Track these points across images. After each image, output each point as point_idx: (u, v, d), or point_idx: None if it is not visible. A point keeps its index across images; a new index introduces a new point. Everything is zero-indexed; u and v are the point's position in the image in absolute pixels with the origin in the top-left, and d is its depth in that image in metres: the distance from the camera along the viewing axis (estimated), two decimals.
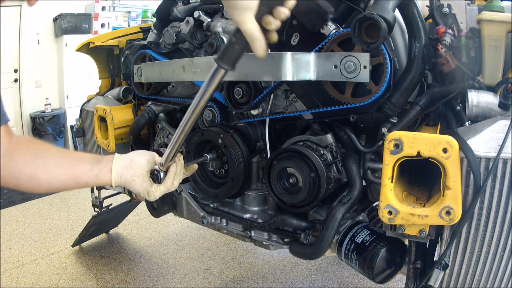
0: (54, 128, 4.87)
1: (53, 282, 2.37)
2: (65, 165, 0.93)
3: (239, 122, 1.52)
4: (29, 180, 0.89)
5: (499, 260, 0.98)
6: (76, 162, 0.95)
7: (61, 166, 0.93)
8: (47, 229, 3.09)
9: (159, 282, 2.36)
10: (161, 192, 1.01)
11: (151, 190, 0.99)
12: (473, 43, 1.09)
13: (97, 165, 0.96)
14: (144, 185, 0.99)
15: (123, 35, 2.26)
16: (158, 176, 1.00)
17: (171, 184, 1.02)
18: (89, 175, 0.94)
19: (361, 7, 1.18)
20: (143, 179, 0.99)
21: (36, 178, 0.89)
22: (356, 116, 1.21)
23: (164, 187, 1.01)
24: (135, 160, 1.00)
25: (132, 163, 0.99)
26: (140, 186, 0.99)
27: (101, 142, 1.99)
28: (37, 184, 0.90)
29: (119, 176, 0.96)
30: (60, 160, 0.94)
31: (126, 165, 0.98)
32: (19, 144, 0.90)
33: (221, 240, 2.82)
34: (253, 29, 0.79)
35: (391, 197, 0.98)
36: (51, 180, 0.91)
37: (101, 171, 0.95)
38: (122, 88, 2.11)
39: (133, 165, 0.99)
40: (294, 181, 1.32)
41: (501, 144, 0.90)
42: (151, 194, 1.00)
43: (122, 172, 0.97)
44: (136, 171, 0.98)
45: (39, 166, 0.90)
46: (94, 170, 0.95)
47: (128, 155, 1.01)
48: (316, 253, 1.28)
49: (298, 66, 1.17)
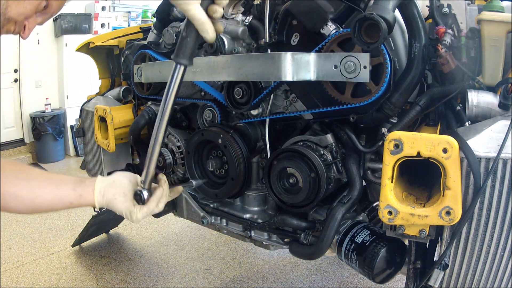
0: (54, 128, 4.86)
1: (53, 282, 2.36)
2: (49, 185, 0.94)
3: (239, 122, 1.52)
4: (14, 200, 0.89)
5: (499, 260, 0.98)
6: (60, 182, 0.95)
7: (45, 186, 0.93)
8: (47, 229, 3.09)
9: (159, 282, 2.36)
10: (144, 213, 0.98)
11: (133, 210, 0.97)
12: (473, 43, 1.09)
13: (80, 185, 0.95)
14: (126, 204, 0.97)
15: (123, 35, 2.26)
16: (142, 196, 0.98)
17: (155, 206, 1.00)
18: (72, 195, 0.94)
19: (361, 7, 1.18)
20: (125, 198, 0.97)
21: (21, 197, 0.89)
22: (356, 116, 1.21)
23: (147, 209, 0.99)
24: (117, 180, 0.99)
25: (114, 182, 0.98)
26: (122, 204, 0.97)
27: (101, 142, 1.99)
28: (22, 203, 0.90)
29: (101, 195, 0.96)
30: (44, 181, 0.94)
31: (108, 184, 0.97)
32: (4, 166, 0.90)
33: (221, 240, 2.81)
34: (200, 13, 0.85)
35: (391, 197, 0.98)
36: (35, 199, 0.91)
37: (84, 190, 0.95)
38: (122, 88, 2.11)
39: (115, 184, 0.98)
40: (294, 181, 1.32)
41: (501, 144, 0.90)
42: (134, 215, 0.97)
43: (105, 191, 0.96)
44: (117, 189, 0.97)
45: (23, 187, 0.90)
46: (78, 190, 0.95)
47: (111, 176, 1.01)
48: (316, 253, 1.28)
49: (298, 66, 1.17)
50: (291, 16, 1.28)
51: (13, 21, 0.82)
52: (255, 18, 1.42)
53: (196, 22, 0.86)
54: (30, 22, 0.86)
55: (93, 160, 2.16)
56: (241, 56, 1.33)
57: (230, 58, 1.30)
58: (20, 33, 0.86)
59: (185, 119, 1.81)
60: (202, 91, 1.63)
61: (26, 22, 0.85)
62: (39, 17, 0.87)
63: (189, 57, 0.90)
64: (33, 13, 0.85)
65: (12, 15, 0.81)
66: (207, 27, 0.86)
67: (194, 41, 0.89)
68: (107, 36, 2.28)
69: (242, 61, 1.27)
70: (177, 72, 0.92)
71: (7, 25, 0.82)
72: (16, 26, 0.84)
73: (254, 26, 1.41)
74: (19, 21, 0.83)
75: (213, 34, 0.88)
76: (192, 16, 0.85)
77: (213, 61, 1.33)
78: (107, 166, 2.08)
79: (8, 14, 0.80)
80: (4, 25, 0.82)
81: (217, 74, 1.34)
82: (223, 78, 1.34)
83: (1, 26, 0.81)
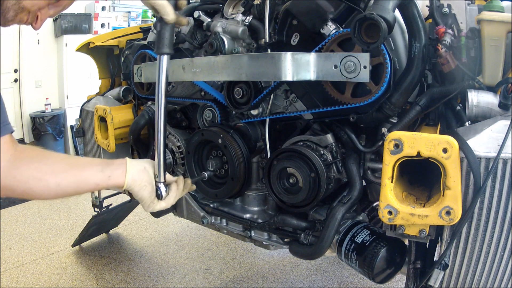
0: (54, 128, 4.86)
1: (53, 282, 2.37)
2: (74, 168, 0.93)
3: (239, 122, 1.52)
4: (37, 184, 0.88)
5: (499, 260, 0.98)
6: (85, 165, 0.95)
7: (70, 169, 0.92)
8: (47, 229, 3.09)
9: (159, 282, 2.36)
10: (161, 207, 1.03)
11: (154, 201, 1.02)
12: (473, 43, 1.09)
13: (108, 167, 0.96)
14: (151, 195, 1.01)
15: (123, 35, 2.25)
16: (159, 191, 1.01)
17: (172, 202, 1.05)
18: (100, 176, 0.94)
19: (361, 7, 1.18)
20: (152, 188, 1.01)
21: (45, 180, 0.88)
22: (356, 116, 1.21)
23: (165, 203, 1.04)
24: (147, 168, 1.02)
25: (145, 170, 1.01)
26: (149, 194, 1.00)
27: (101, 142, 1.99)
28: (46, 186, 0.88)
29: (133, 180, 0.97)
30: (68, 164, 0.93)
31: (140, 170, 0.99)
32: (24, 152, 0.89)
33: (221, 240, 2.82)
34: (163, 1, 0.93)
35: (391, 197, 0.98)
36: (60, 182, 0.90)
37: (113, 172, 0.96)
38: (122, 88, 2.10)
39: (146, 172, 1.00)
40: (294, 181, 1.32)
41: (501, 144, 0.90)
42: (152, 206, 1.02)
43: (138, 176, 0.98)
44: (148, 179, 1.00)
45: (47, 171, 0.89)
46: (106, 171, 0.95)
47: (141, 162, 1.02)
48: (316, 253, 1.28)
49: (298, 66, 1.17)
50: (291, 16, 1.28)
51: (26, 10, 0.83)
52: (255, 18, 1.42)
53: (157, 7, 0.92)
54: (42, 14, 0.86)
55: None
56: (241, 56, 1.33)
57: (230, 58, 1.30)
58: (32, 24, 0.87)
59: (185, 119, 1.81)
60: (202, 91, 1.63)
61: (39, 13, 0.86)
62: (51, 9, 0.88)
63: (169, 45, 0.97)
64: (46, 4, 0.86)
65: (26, 5, 0.82)
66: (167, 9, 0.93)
67: (169, 32, 0.96)
68: (107, 36, 2.28)
69: (242, 61, 1.27)
70: (162, 63, 0.99)
71: (20, 14, 0.83)
72: (29, 17, 0.85)
73: (254, 26, 1.41)
74: (32, 11, 0.84)
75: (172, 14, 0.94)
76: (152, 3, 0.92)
77: (213, 61, 1.33)
78: None
79: (22, 3, 0.81)
80: (17, 14, 0.82)
81: (217, 74, 1.33)
82: (223, 78, 1.34)
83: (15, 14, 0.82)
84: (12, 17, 0.82)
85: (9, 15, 0.81)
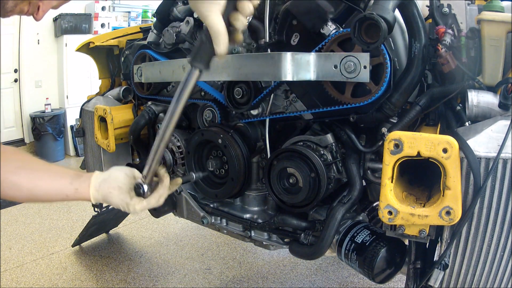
0: (54, 128, 4.86)
1: (53, 282, 2.36)
2: (48, 177, 0.95)
3: (239, 122, 1.52)
4: (12, 188, 0.90)
5: (499, 260, 0.98)
6: (58, 174, 0.96)
7: (44, 178, 0.94)
8: (47, 229, 3.09)
9: (159, 282, 2.36)
10: (143, 206, 0.99)
11: (130, 202, 0.97)
12: (473, 43, 1.09)
13: (77, 180, 0.96)
14: (120, 196, 0.97)
15: (123, 35, 2.25)
16: (142, 190, 0.98)
17: (155, 201, 1.00)
18: (69, 188, 0.95)
19: (361, 7, 1.18)
20: (120, 191, 0.97)
21: (19, 186, 0.91)
22: (356, 116, 1.21)
23: (147, 203, 0.99)
24: (113, 174, 1.00)
25: (110, 177, 0.99)
26: (117, 198, 0.97)
27: (101, 142, 1.99)
28: (19, 191, 0.91)
29: (96, 190, 0.97)
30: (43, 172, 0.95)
31: (103, 180, 0.98)
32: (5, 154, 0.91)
33: (221, 240, 2.81)
34: (218, 23, 0.79)
35: (391, 197, 0.98)
36: (33, 189, 0.92)
37: (80, 185, 0.96)
38: (122, 88, 2.10)
39: (110, 179, 0.98)
40: (294, 181, 1.32)
41: (501, 144, 0.90)
42: (131, 207, 0.97)
43: (99, 186, 0.97)
44: (111, 183, 0.97)
45: (23, 176, 0.91)
46: (74, 184, 0.96)
47: (107, 171, 1.01)
48: (316, 253, 1.28)
49: (298, 66, 1.17)
50: (291, 16, 1.28)
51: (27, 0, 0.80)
52: (255, 18, 1.42)
53: (211, 31, 0.80)
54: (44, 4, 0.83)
55: (93, 160, 2.16)
56: (241, 56, 1.33)
57: (230, 58, 1.30)
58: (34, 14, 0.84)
59: (185, 119, 1.81)
60: (202, 91, 1.63)
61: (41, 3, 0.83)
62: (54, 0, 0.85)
63: (207, 62, 0.87)
64: None
65: None
66: (220, 40, 0.80)
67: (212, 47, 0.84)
68: (107, 36, 2.28)
69: (242, 61, 1.27)
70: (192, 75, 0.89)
71: (21, 4, 0.80)
72: (30, 7, 0.82)
73: (254, 26, 1.41)
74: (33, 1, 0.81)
75: (224, 48, 0.82)
76: (209, 25, 0.79)
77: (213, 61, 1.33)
78: (107, 166, 2.07)
79: None
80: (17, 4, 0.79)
81: (217, 74, 1.33)
82: (223, 78, 1.34)
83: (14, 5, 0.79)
84: (11, 7, 0.79)
85: (8, 5, 0.79)
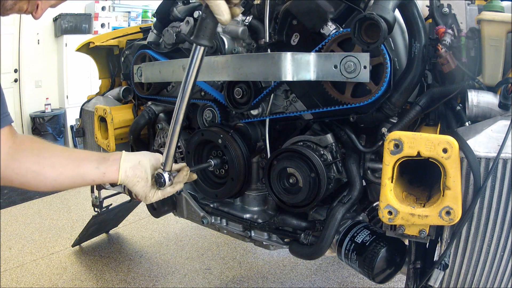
0: (54, 128, 4.87)
1: (53, 282, 2.36)
2: (71, 163, 0.94)
3: (239, 122, 1.52)
4: (35, 177, 0.89)
5: (499, 260, 0.98)
6: (82, 160, 0.96)
7: (67, 164, 0.93)
8: (47, 229, 3.09)
9: (159, 282, 2.36)
10: (158, 197, 1.03)
11: (149, 194, 1.02)
12: (473, 43, 1.09)
13: (103, 163, 0.97)
14: (144, 188, 1.01)
15: (123, 35, 2.25)
16: (163, 181, 1.02)
17: (170, 191, 1.05)
18: (95, 173, 0.96)
19: (361, 7, 1.18)
20: (146, 182, 1.01)
21: (42, 175, 0.89)
22: (356, 116, 1.20)
23: (162, 194, 1.04)
24: (142, 162, 1.02)
25: (140, 164, 1.01)
26: (141, 188, 1.01)
27: (101, 142, 1.99)
28: (43, 181, 0.90)
29: (126, 176, 0.98)
30: (66, 158, 0.94)
31: (133, 166, 0.99)
32: (24, 144, 0.90)
33: (221, 240, 2.81)
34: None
35: (391, 197, 0.98)
36: (57, 177, 0.91)
37: (108, 169, 0.97)
38: (122, 88, 2.11)
39: (140, 167, 1.00)
40: (294, 181, 1.32)
41: (501, 144, 0.90)
42: (148, 199, 1.02)
43: (129, 172, 0.98)
44: (141, 173, 1.00)
45: (45, 164, 0.90)
46: (101, 168, 0.96)
47: (135, 156, 1.02)
48: (316, 253, 1.28)
49: (298, 66, 1.17)
50: (291, 16, 1.28)
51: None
52: (255, 18, 1.42)
53: (212, 4, 0.84)
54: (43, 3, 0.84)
55: None
56: (241, 56, 1.33)
57: (230, 58, 1.30)
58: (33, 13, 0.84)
59: (185, 119, 1.81)
60: (202, 91, 1.63)
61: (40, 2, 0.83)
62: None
63: (209, 37, 0.89)
64: None
65: None
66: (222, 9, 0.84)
67: (214, 22, 0.87)
68: (107, 36, 2.28)
69: (242, 61, 1.27)
70: (197, 53, 0.91)
71: (20, 2, 0.80)
72: (29, 5, 0.82)
73: (254, 26, 1.41)
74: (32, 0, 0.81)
75: (228, 16, 0.86)
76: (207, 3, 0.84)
77: (213, 61, 1.33)
78: None
79: None
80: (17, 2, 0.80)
81: (217, 74, 1.34)
82: (223, 78, 1.34)
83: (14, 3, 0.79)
84: (11, 5, 0.80)
85: (8, 3, 0.79)
